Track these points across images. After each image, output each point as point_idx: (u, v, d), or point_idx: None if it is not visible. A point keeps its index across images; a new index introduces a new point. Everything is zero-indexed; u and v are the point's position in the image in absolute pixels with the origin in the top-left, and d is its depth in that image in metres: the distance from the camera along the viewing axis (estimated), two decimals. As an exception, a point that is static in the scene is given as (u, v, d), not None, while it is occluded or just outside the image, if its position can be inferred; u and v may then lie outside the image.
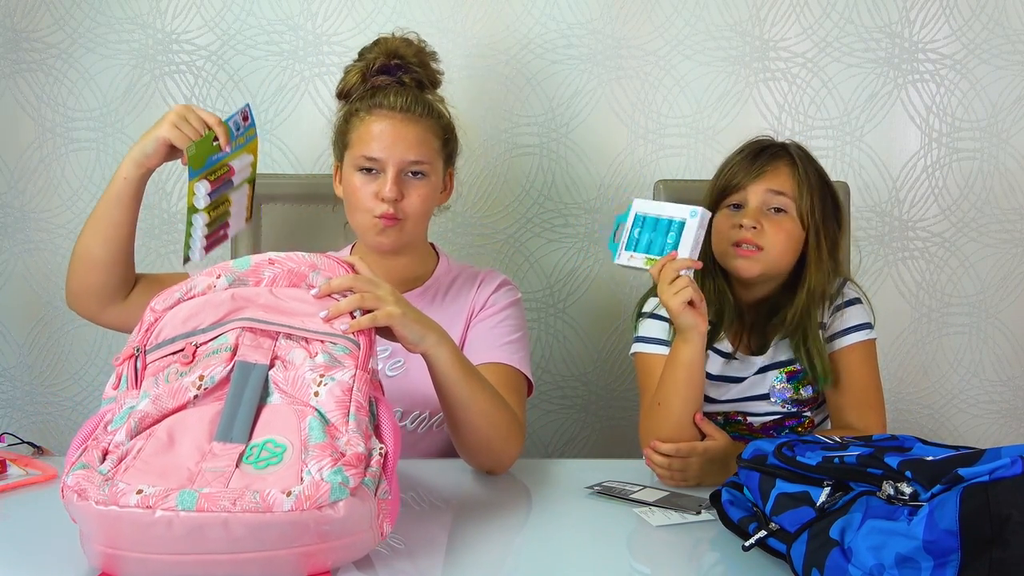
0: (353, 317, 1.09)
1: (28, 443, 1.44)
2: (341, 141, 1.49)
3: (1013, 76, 2.01)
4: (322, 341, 1.06)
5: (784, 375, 1.48)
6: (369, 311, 1.11)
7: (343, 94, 1.53)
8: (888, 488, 0.88)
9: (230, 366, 1.04)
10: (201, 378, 1.04)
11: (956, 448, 0.97)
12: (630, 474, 1.33)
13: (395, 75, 1.49)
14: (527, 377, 1.45)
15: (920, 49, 2.00)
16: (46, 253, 2.02)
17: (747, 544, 1.00)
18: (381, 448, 0.99)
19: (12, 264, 2.03)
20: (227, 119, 1.38)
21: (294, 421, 0.99)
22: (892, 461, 0.89)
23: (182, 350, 1.06)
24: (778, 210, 1.44)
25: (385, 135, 1.43)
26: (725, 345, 1.50)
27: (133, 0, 1.98)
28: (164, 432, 0.99)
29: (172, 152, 1.36)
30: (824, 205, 1.46)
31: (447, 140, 1.51)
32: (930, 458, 0.88)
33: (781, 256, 1.43)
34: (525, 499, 1.29)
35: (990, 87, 2.01)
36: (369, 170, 1.43)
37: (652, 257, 1.35)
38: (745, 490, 1.06)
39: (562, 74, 1.99)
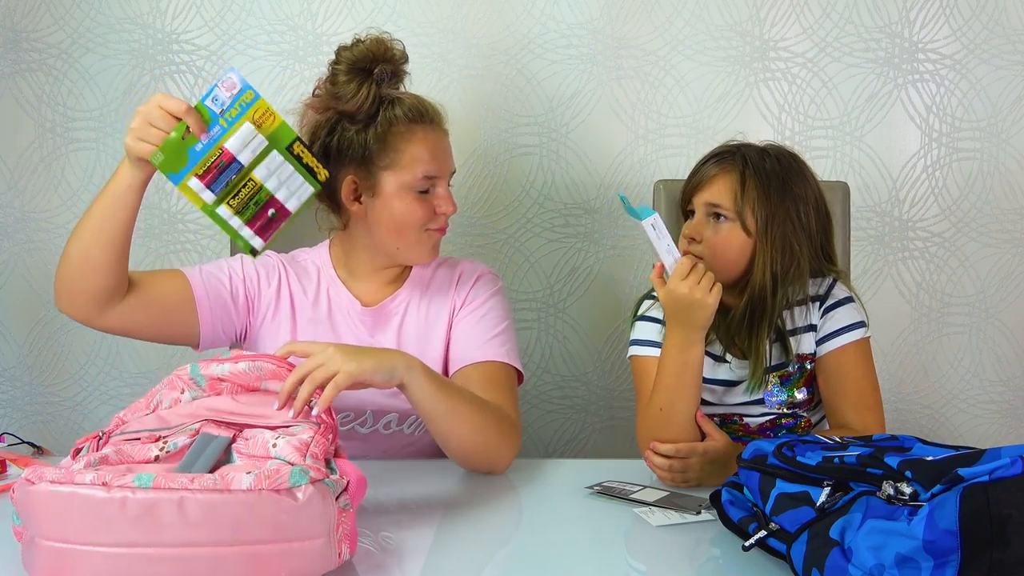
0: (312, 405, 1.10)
1: (28, 443, 1.45)
2: (380, 159, 1.39)
3: (1013, 76, 2.01)
4: (286, 426, 1.07)
5: (777, 379, 1.48)
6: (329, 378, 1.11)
7: (354, 115, 1.40)
8: (888, 488, 0.88)
9: (193, 439, 1.05)
10: (165, 441, 1.04)
11: (956, 448, 0.97)
12: (630, 474, 1.33)
13: (396, 81, 1.44)
14: (518, 369, 1.45)
15: (920, 49, 2.00)
16: (46, 253, 2.02)
17: (747, 544, 1.00)
18: (344, 479, 0.99)
19: (12, 264, 2.03)
20: (203, 98, 1.19)
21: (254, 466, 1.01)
22: (892, 461, 0.89)
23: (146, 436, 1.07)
24: (719, 217, 1.44)
25: (437, 150, 1.42)
26: (716, 348, 1.50)
27: (133, 0, 1.98)
28: (124, 468, 0.98)
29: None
30: (777, 213, 1.43)
31: None
32: (930, 458, 0.88)
33: (723, 264, 1.42)
34: (525, 499, 1.29)
35: (990, 87, 2.01)
36: (426, 189, 1.41)
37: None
38: (745, 490, 1.06)
39: (562, 74, 1.99)
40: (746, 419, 1.50)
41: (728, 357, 1.49)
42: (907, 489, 0.86)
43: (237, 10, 1.98)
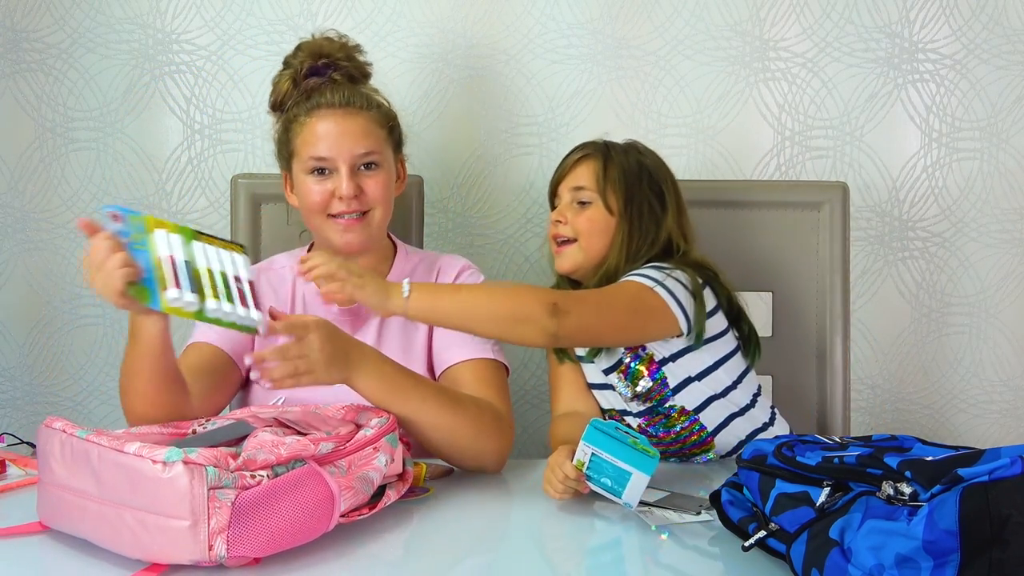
0: None
1: (28, 443, 1.44)
2: (286, 151, 1.48)
3: (1013, 76, 2.00)
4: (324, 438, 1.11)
5: (620, 376, 1.49)
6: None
7: (277, 105, 1.51)
8: (888, 488, 0.88)
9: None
10: (206, 420, 1.17)
11: (956, 448, 0.97)
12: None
13: (325, 74, 1.48)
14: (503, 361, 1.45)
15: (920, 49, 2.00)
16: (46, 253, 2.02)
17: (747, 544, 1.00)
18: (267, 474, 0.99)
19: (12, 264, 2.03)
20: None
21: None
22: (892, 461, 0.89)
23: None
24: (582, 203, 1.53)
25: (331, 133, 1.42)
26: (582, 350, 1.54)
27: (133, 0, 1.98)
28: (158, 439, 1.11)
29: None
30: (636, 193, 1.51)
31: (392, 128, 1.50)
32: (930, 458, 0.88)
33: (589, 244, 1.51)
34: (523, 499, 1.29)
35: (990, 87, 2.00)
36: (321, 171, 1.42)
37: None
38: (745, 490, 1.06)
39: (562, 74, 1.99)
40: (627, 419, 1.52)
41: (592, 359, 1.52)
42: (907, 489, 0.86)
43: (237, 10, 1.98)
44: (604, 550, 1.13)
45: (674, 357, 1.46)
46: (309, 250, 1.56)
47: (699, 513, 1.18)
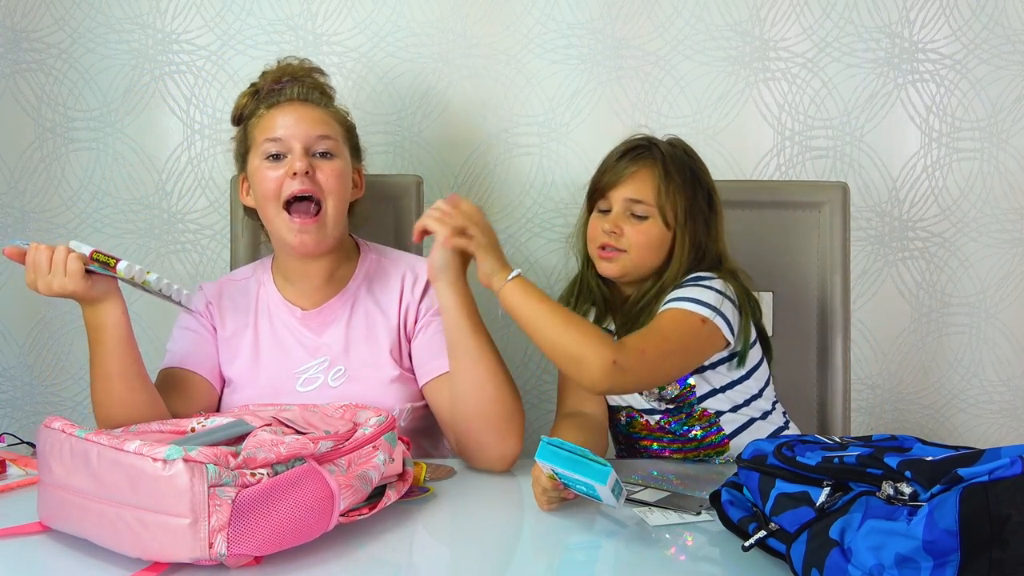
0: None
1: (28, 443, 1.44)
2: (243, 147, 1.48)
3: (1013, 76, 2.00)
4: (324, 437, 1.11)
5: None
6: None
7: (237, 118, 1.53)
8: (888, 488, 0.88)
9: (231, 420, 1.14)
10: (206, 417, 1.15)
11: (956, 448, 0.97)
12: (630, 474, 1.33)
13: (282, 89, 1.49)
14: None
15: (920, 49, 2.00)
16: (46, 253, 2.02)
17: (747, 544, 1.00)
18: (267, 472, 1.00)
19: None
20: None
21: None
22: (892, 461, 0.89)
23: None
24: (638, 216, 1.47)
25: (288, 117, 1.43)
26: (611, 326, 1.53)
27: (133, 0, 1.98)
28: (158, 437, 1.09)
29: (92, 280, 1.27)
30: (693, 204, 1.47)
31: (350, 130, 1.51)
32: (930, 458, 0.88)
33: (642, 258, 1.47)
34: (524, 498, 1.29)
35: (990, 87, 2.00)
36: (276, 157, 1.41)
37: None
38: (745, 490, 1.06)
39: (562, 74, 1.99)
40: (645, 416, 1.52)
41: None
42: (907, 489, 0.86)
43: (237, 10, 1.98)
44: (604, 550, 1.12)
45: (707, 368, 1.46)
46: (274, 261, 1.55)
47: (699, 513, 1.18)
